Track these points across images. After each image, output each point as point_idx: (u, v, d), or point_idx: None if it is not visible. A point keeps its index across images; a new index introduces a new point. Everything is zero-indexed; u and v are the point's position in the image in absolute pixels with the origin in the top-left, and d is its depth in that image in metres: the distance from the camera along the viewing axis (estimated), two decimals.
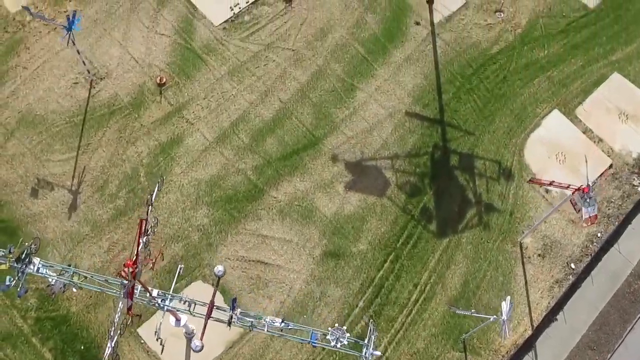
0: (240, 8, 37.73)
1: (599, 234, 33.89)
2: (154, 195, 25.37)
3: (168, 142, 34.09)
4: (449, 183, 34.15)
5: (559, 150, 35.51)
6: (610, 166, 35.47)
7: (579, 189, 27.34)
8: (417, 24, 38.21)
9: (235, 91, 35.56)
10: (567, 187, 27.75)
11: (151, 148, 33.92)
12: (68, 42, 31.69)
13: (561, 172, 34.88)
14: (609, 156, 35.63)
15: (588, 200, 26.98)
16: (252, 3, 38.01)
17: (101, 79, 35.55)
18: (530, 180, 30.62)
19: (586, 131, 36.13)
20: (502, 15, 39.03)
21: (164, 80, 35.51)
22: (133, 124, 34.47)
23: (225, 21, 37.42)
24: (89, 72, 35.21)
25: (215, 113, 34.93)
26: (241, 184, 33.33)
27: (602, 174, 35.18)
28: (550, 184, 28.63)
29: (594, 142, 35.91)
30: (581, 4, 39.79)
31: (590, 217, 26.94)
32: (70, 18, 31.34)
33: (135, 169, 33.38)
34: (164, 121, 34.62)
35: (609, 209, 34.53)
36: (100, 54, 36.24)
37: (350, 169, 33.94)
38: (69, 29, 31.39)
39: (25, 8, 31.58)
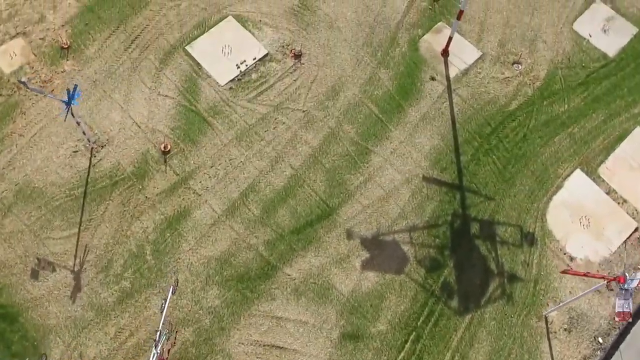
0: (247, 65, 35.93)
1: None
2: (166, 304, 23.73)
3: (175, 216, 32.38)
4: (470, 254, 32.66)
5: (582, 214, 34.06)
6: (636, 229, 34.07)
7: (614, 279, 25.91)
8: (433, 79, 36.53)
9: (244, 158, 33.85)
10: (603, 278, 26.30)
11: (157, 223, 32.21)
12: (66, 117, 29.87)
13: (586, 238, 33.46)
14: (634, 218, 34.20)
15: (624, 292, 25.55)
16: (260, 60, 36.21)
17: (102, 146, 33.75)
18: (563, 271, 29.28)
19: (610, 192, 34.66)
20: (520, 67, 37.40)
21: (169, 147, 33.75)
22: (137, 196, 32.73)
23: (232, 80, 35.62)
24: (89, 141, 33.40)
25: (223, 183, 33.23)
26: (253, 260, 31.70)
27: (627, 238, 33.78)
28: (585, 274, 27.16)
29: (619, 203, 34.45)
30: (601, 53, 38.21)
31: (623, 312, 25.47)
32: (70, 92, 29.50)
33: (141, 247, 31.68)
34: (169, 193, 32.89)
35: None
36: (100, 119, 34.42)
37: (366, 242, 32.37)
38: (68, 103, 29.57)
39: (22, 82, 29.68)
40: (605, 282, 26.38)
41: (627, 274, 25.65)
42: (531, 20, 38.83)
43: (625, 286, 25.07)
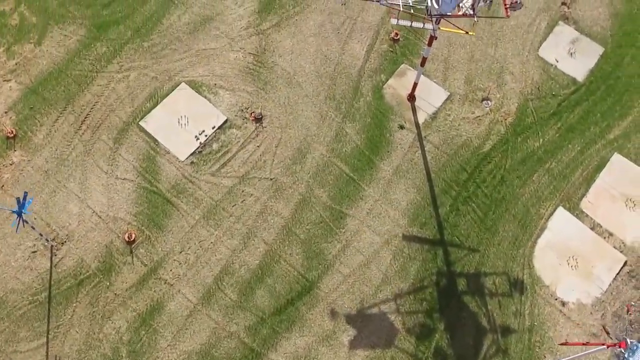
0: (206, 136, 34.11)
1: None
2: None
3: (148, 311, 30.61)
4: (460, 313, 31.44)
5: (569, 255, 33.01)
6: (625, 263, 33.13)
7: (615, 345, 24.86)
8: (402, 127, 35.07)
9: (214, 238, 32.14)
10: (603, 345, 25.23)
11: (130, 321, 30.42)
12: (18, 227, 27.85)
13: (576, 280, 32.44)
14: (621, 252, 33.22)
15: (623, 358, 24.52)
16: (219, 128, 34.40)
17: (62, 243, 31.78)
18: (562, 343, 28.27)
19: (594, 226, 33.63)
20: (490, 103, 36.10)
21: (133, 236, 31.88)
22: (106, 294, 30.88)
23: (192, 154, 33.80)
24: (47, 240, 31.41)
25: (195, 268, 31.51)
26: (236, 350, 30.11)
27: (617, 274, 32.84)
28: (585, 344, 26.08)
29: (604, 237, 33.45)
30: (570, 79, 37.05)
31: None
32: (21, 200, 27.51)
33: (116, 349, 29.89)
34: (139, 286, 31.08)
35: (631, 315, 32.25)
36: (57, 213, 32.41)
37: (352, 316, 30.96)
38: (19, 213, 27.57)
39: None
40: (606, 346, 25.34)
41: (627, 338, 24.63)
42: (495, 51, 37.52)
43: (626, 355, 24.02)
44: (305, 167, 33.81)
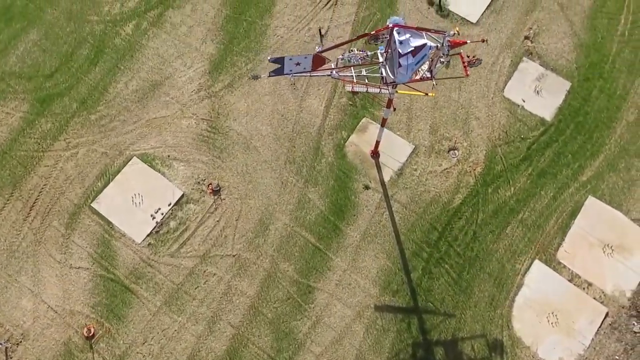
0: (163, 214, 32.46)
1: None
2: None
3: None
4: None
5: (549, 311, 31.85)
6: (607, 315, 32.03)
7: None
8: (367, 188, 33.61)
9: (178, 325, 30.60)
10: None
11: None
12: None
13: (557, 337, 31.32)
14: (602, 303, 32.12)
15: None
16: (176, 204, 32.74)
17: (17, 344, 30.12)
18: None
19: (573, 278, 32.48)
20: (457, 153, 34.71)
21: (92, 330, 30.27)
22: None
23: (149, 234, 32.15)
24: (1, 343, 29.71)
25: None
26: None
27: (599, 327, 31.75)
28: None
29: (584, 289, 32.31)
30: (538, 119, 35.72)
31: None
32: None
33: None
34: None
35: None
36: (9, 310, 30.70)
37: None
38: None
39: None
40: None
41: None
42: (460, 95, 36.08)
43: None
44: (269, 239, 32.29)
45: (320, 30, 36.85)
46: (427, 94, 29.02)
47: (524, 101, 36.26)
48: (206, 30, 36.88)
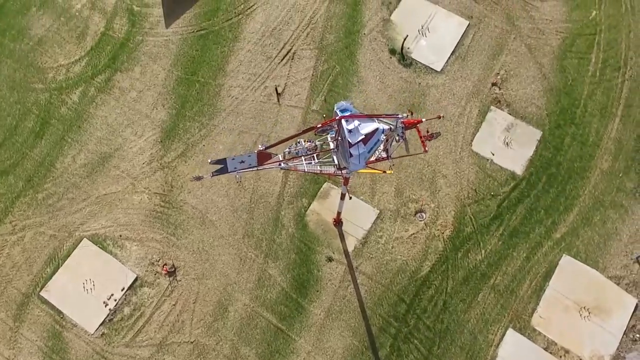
0: (116, 300, 30.83)
1: None
2: None
3: None
4: None
5: None
6: None
7: None
8: (330, 260, 32.02)
9: None
10: None
11: None
12: None
13: None
14: None
15: None
16: (130, 288, 31.10)
17: None
18: None
19: (549, 345, 31.04)
20: (425, 216, 33.12)
21: None
22: None
23: (102, 323, 30.53)
24: None
25: None
26: None
27: None
28: None
29: (560, 357, 30.90)
30: (508, 173, 34.13)
31: None
32: None
33: None
34: None
35: None
36: None
37: None
38: None
39: None
40: None
41: None
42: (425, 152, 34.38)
43: None
44: (228, 322, 30.71)
45: (276, 88, 35.11)
46: (384, 172, 27.39)
47: (493, 154, 34.66)
48: (157, 94, 35.08)
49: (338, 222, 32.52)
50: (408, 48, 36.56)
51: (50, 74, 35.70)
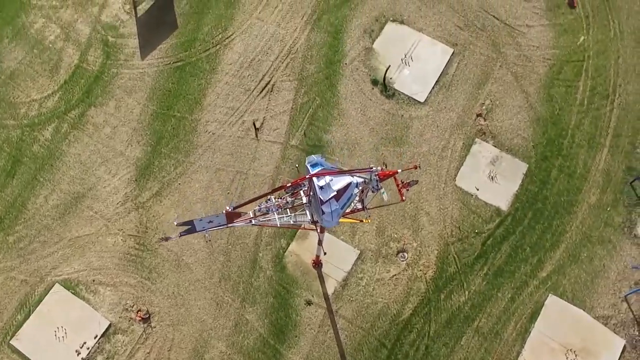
0: (89, 348, 29.99)
1: None
2: None
3: None
4: None
5: None
6: None
7: None
8: (309, 303, 31.16)
9: None
10: None
11: None
12: None
13: None
14: None
15: None
16: (103, 336, 30.25)
17: None
18: None
19: None
20: (407, 256, 32.23)
21: None
22: None
23: None
24: None
25: None
26: None
27: None
28: None
29: None
30: (493, 209, 33.22)
31: None
32: None
33: None
34: None
35: None
36: None
37: None
38: None
39: None
40: None
41: None
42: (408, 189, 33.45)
43: None
44: None
45: (254, 123, 34.14)
46: (362, 221, 26.50)
47: (477, 189, 33.75)
48: (132, 130, 34.11)
49: (317, 264, 31.65)
50: (390, 78, 35.60)
51: (23, 109, 34.73)
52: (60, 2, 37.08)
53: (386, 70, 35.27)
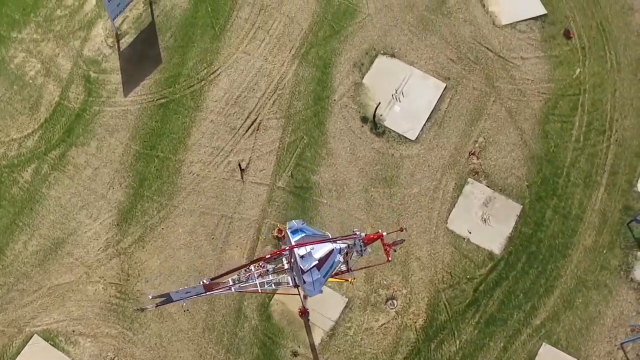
0: None
1: None
2: None
3: None
4: None
5: None
6: None
7: None
8: (295, 354, 30.28)
9: None
10: None
11: None
12: None
13: None
14: None
15: None
16: None
17: None
18: None
19: None
20: (396, 303, 31.32)
21: None
22: None
23: None
24: None
25: None
26: None
27: None
28: None
29: None
30: (486, 253, 32.28)
31: None
32: None
33: None
34: None
35: None
36: None
37: None
38: None
39: None
40: None
41: None
42: (398, 232, 32.49)
43: None
44: None
45: (240, 164, 33.15)
46: (347, 280, 25.63)
47: (470, 233, 32.79)
48: (113, 171, 33.13)
49: (304, 313, 30.74)
50: (381, 115, 34.57)
51: (1, 149, 33.74)
52: (41, 35, 36.00)
53: (376, 107, 34.24)
